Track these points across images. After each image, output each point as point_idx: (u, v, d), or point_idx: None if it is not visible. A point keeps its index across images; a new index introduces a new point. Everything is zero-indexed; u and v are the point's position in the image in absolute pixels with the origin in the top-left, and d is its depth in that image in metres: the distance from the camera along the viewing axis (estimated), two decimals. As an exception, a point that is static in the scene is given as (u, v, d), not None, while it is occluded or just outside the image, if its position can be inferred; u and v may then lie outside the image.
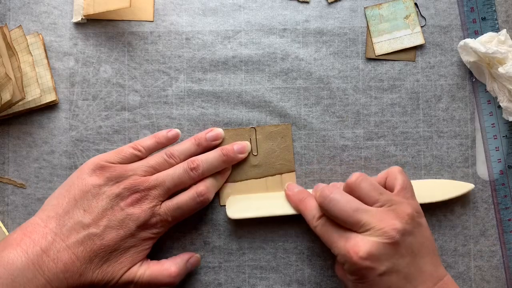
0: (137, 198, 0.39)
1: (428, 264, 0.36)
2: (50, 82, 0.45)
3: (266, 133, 0.45)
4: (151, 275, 0.39)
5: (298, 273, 0.45)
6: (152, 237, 0.40)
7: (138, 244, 0.39)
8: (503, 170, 0.45)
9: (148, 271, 0.39)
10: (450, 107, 0.45)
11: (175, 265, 0.41)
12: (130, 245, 0.39)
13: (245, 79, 0.46)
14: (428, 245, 0.37)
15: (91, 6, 0.44)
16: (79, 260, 0.37)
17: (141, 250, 0.39)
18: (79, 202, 0.38)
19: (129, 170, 0.40)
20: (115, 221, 0.38)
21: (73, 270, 0.36)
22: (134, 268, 0.39)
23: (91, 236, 0.37)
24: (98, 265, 0.37)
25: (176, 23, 0.46)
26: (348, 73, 0.46)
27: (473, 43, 0.43)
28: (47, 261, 0.36)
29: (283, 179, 0.45)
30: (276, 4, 0.46)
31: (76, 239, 0.37)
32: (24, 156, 0.45)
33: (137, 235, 0.39)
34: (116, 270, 0.38)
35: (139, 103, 0.46)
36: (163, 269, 0.40)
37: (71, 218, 0.38)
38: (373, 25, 0.46)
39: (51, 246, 0.36)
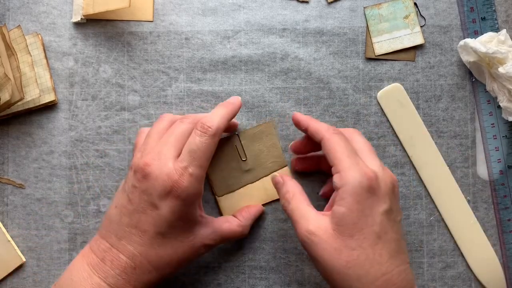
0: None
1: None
2: (49, 82, 0.45)
3: (250, 136, 0.45)
4: (216, 231, 0.40)
5: (298, 273, 0.45)
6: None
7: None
8: (503, 170, 0.45)
9: (211, 229, 0.39)
10: (450, 107, 0.45)
11: (239, 215, 0.42)
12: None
13: (245, 79, 0.46)
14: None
15: (90, 6, 0.44)
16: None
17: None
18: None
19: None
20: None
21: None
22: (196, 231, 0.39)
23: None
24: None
25: (176, 23, 0.46)
26: (347, 73, 0.46)
27: (473, 43, 0.43)
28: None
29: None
30: (276, 4, 0.46)
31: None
32: (23, 156, 0.45)
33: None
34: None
35: (139, 103, 0.46)
36: (227, 221, 0.41)
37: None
38: (372, 25, 0.46)
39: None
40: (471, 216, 0.45)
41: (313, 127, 0.39)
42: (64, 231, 0.45)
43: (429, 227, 0.45)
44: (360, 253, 0.34)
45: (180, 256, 0.37)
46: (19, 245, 0.45)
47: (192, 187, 0.36)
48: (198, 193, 0.37)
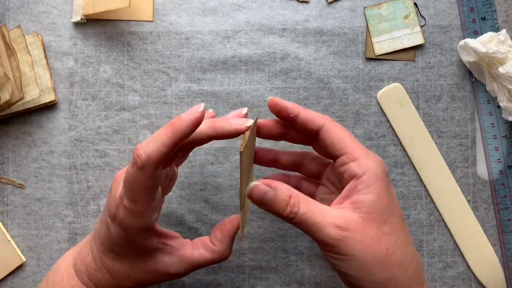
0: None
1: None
2: (49, 82, 0.45)
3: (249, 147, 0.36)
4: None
5: (298, 273, 0.45)
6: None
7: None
8: (503, 170, 0.45)
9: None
10: (449, 107, 0.45)
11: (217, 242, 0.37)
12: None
13: (245, 79, 0.46)
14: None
15: (90, 6, 0.44)
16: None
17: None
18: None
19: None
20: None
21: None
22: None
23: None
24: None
25: (176, 23, 0.46)
26: (347, 73, 0.46)
27: (473, 43, 0.43)
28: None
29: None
30: (276, 4, 0.46)
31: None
32: (23, 156, 0.45)
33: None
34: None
35: (139, 103, 0.46)
36: (200, 247, 0.36)
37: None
38: (372, 25, 0.46)
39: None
40: (471, 216, 0.45)
41: (306, 114, 0.35)
42: (64, 231, 0.45)
43: (429, 227, 0.45)
44: (396, 237, 0.32)
45: (139, 276, 0.35)
46: (19, 245, 0.45)
47: (128, 220, 0.32)
48: (139, 227, 0.33)
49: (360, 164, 0.33)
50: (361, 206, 0.32)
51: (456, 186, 0.45)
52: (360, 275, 0.31)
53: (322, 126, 0.35)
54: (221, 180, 0.45)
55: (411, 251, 0.33)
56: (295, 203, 0.32)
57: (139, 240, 0.33)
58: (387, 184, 0.33)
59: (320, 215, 0.32)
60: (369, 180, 0.32)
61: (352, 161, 0.33)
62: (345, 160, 0.34)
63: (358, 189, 0.33)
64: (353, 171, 0.33)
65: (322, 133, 0.35)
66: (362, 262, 0.31)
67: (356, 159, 0.33)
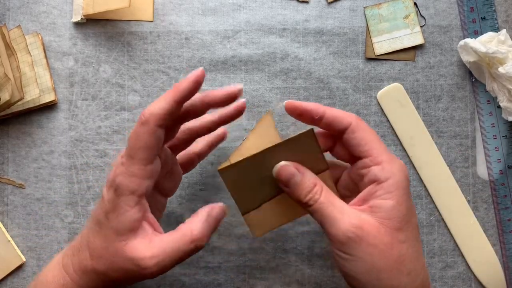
0: None
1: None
2: (49, 82, 0.45)
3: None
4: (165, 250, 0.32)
5: (298, 273, 0.45)
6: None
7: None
8: (503, 170, 0.45)
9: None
10: (450, 107, 0.45)
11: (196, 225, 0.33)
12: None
13: (245, 79, 0.46)
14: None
15: (90, 6, 0.44)
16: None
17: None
18: None
19: None
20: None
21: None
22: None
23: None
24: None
25: (176, 23, 0.46)
26: (348, 73, 0.46)
27: (473, 43, 0.43)
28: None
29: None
30: (276, 4, 0.46)
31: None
32: (23, 156, 0.45)
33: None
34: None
35: (139, 103, 0.46)
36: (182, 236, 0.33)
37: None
38: (372, 25, 0.46)
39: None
40: (471, 216, 0.45)
41: (332, 114, 0.34)
42: (64, 231, 0.45)
43: (429, 227, 0.45)
44: (409, 245, 0.32)
45: (108, 258, 0.32)
46: (19, 245, 0.45)
47: (121, 176, 0.31)
48: (129, 187, 0.32)
49: (383, 169, 0.32)
50: (379, 211, 0.32)
51: (456, 186, 0.45)
52: (366, 279, 0.31)
53: (348, 125, 0.33)
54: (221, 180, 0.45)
55: (421, 262, 0.33)
56: (317, 191, 0.33)
57: (124, 205, 0.32)
58: (407, 192, 0.32)
59: (338, 210, 0.32)
60: (390, 187, 0.32)
61: (375, 165, 0.33)
62: (368, 163, 0.33)
63: (377, 194, 0.32)
64: (376, 175, 0.32)
65: (347, 133, 0.33)
66: (371, 266, 0.31)
67: (379, 163, 0.32)
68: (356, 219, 0.31)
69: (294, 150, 0.33)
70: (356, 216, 0.31)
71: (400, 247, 0.31)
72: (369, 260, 0.31)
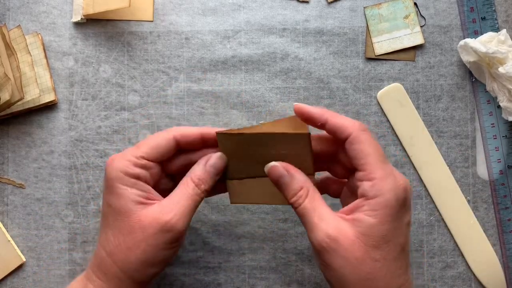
0: None
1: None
2: (49, 82, 0.45)
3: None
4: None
5: (298, 273, 0.45)
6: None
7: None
8: (503, 170, 0.45)
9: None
10: (450, 107, 0.45)
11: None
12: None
13: (245, 78, 0.46)
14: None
15: (90, 6, 0.44)
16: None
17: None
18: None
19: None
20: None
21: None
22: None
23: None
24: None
25: (176, 23, 0.46)
26: (348, 72, 0.46)
27: (473, 43, 0.43)
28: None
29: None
30: (276, 3, 0.46)
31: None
32: (23, 156, 0.45)
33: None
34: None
35: (139, 103, 0.46)
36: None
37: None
38: (372, 25, 0.46)
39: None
40: (471, 216, 0.45)
41: (334, 122, 0.33)
42: (64, 231, 0.45)
43: (429, 227, 0.45)
44: (383, 265, 0.31)
45: (126, 238, 0.34)
46: (19, 245, 0.45)
47: (116, 160, 0.35)
48: (120, 167, 0.34)
49: (373, 186, 0.32)
50: (359, 226, 0.32)
51: (456, 186, 0.45)
52: (338, 286, 0.32)
53: (349, 136, 0.33)
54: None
55: (396, 282, 0.32)
56: (302, 195, 0.33)
57: (121, 185, 0.34)
58: (396, 213, 0.32)
59: (318, 217, 0.33)
60: (376, 205, 0.32)
61: (366, 181, 0.32)
62: (362, 177, 0.33)
63: (363, 209, 0.32)
64: (365, 191, 0.32)
65: (347, 143, 0.33)
66: (341, 277, 0.32)
67: (371, 179, 0.32)
68: (333, 229, 0.32)
69: (288, 145, 0.35)
70: (334, 225, 0.32)
71: (372, 265, 0.31)
72: (340, 271, 0.31)
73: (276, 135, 0.35)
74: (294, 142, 0.35)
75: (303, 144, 0.35)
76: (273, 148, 0.35)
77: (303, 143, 0.35)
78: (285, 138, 0.35)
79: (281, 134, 0.35)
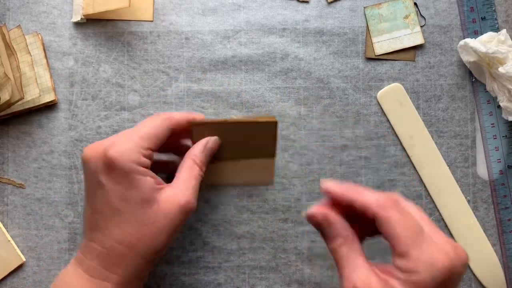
0: None
1: None
2: (49, 82, 0.45)
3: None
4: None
5: (298, 273, 0.45)
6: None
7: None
8: (503, 170, 0.45)
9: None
10: (450, 107, 0.45)
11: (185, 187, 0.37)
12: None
13: (245, 78, 0.46)
14: None
15: (90, 6, 0.44)
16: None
17: None
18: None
19: None
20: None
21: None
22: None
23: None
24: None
25: (176, 23, 0.46)
26: (348, 72, 0.46)
27: (473, 43, 0.43)
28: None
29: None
30: (276, 3, 0.46)
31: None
32: (23, 156, 0.45)
33: None
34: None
35: (139, 103, 0.46)
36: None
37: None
38: (372, 25, 0.46)
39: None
40: (471, 216, 0.45)
41: (359, 203, 0.32)
42: (64, 231, 0.45)
43: (429, 227, 0.45)
44: None
45: (150, 228, 0.35)
46: (19, 245, 0.45)
47: (126, 150, 0.35)
48: (136, 159, 0.35)
49: (407, 263, 0.30)
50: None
51: (456, 186, 0.45)
52: None
53: (375, 217, 0.31)
54: (221, 180, 0.45)
55: None
56: (340, 244, 0.32)
57: (137, 176, 0.35)
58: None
59: (351, 267, 0.31)
60: (409, 283, 0.29)
61: (399, 256, 0.30)
62: (394, 251, 0.31)
63: (396, 276, 0.30)
64: (399, 264, 0.30)
65: (376, 222, 0.31)
66: None
67: (404, 256, 0.30)
68: (362, 283, 0.30)
69: (257, 131, 0.40)
70: (365, 280, 0.30)
71: None
72: None
73: (246, 123, 0.40)
74: (263, 129, 0.40)
75: (271, 130, 0.40)
76: (242, 133, 0.40)
77: (271, 130, 0.40)
78: (255, 125, 0.39)
79: (250, 121, 0.39)
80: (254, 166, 0.41)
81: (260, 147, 0.40)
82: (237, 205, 0.45)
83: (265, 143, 0.40)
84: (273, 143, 0.40)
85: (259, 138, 0.40)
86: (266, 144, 0.40)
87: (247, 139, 0.40)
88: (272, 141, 0.40)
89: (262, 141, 0.40)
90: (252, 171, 0.42)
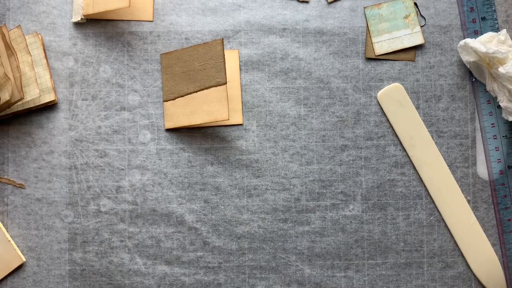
0: None
1: None
2: (49, 82, 0.45)
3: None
4: None
5: (298, 273, 0.45)
6: None
7: None
8: (503, 170, 0.45)
9: None
10: (450, 107, 0.45)
11: None
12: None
13: (245, 79, 0.46)
14: None
15: (90, 6, 0.44)
16: None
17: None
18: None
19: None
20: None
21: None
22: None
23: None
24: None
25: (176, 23, 0.46)
26: (348, 72, 0.46)
27: (473, 43, 0.43)
28: None
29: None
30: (276, 3, 0.46)
31: None
32: (24, 156, 0.45)
33: None
34: None
35: (139, 103, 0.46)
36: None
37: None
38: (372, 25, 0.46)
39: None
40: (471, 216, 0.45)
41: None
42: (64, 231, 0.45)
43: (429, 227, 0.45)
44: None
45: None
46: (19, 245, 0.45)
47: None
48: None
49: None
50: None
51: (456, 186, 0.45)
52: None
53: None
54: (221, 180, 0.45)
55: None
56: None
57: None
58: None
59: None
60: None
61: None
62: None
63: None
64: None
65: None
66: None
67: None
68: None
69: (207, 55, 0.43)
70: None
71: None
72: None
73: (199, 46, 0.43)
74: (210, 50, 0.43)
75: (218, 50, 0.43)
76: (196, 61, 0.43)
77: (218, 49, 0.43)
78: (203, 48, 0.43)
79: (202, 44, 0.43)
80: (210, 99, 0.43)
81: (212, 72, 0.43)
82: (237, 205, 0.45)
83: (215, 69, 0.43)
84: (221, 64, 0.43)
85: (209, 62, 0.43)
86: (216, 68, 0.43)
87: (200, 63, 0.43)
88: (220, 61, 0.43)
89: (213, 66, 0.43)
90: (209, 105, 0.43)
